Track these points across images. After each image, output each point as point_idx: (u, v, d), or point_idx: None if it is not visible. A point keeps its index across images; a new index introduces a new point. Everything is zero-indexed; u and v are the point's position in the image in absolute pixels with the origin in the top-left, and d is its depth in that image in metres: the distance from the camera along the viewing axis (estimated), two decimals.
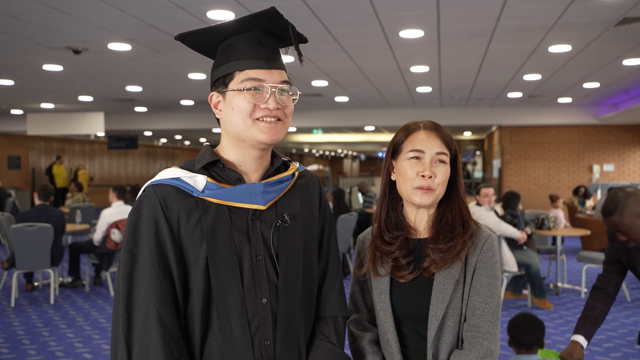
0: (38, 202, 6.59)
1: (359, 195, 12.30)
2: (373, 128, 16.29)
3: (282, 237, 1.44)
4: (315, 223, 1.54)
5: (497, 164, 14.20)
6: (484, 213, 6.15)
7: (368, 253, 1.66)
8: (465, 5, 4.87)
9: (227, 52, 1.42)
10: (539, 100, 11.24)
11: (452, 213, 1.61)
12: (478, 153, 20.92)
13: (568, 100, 11.27)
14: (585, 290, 6.76)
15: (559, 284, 6.91)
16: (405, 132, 1.61)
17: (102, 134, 14.16)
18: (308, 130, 17.70)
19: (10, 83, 8.82)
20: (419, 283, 1.58)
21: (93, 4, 4.71)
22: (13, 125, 14.09)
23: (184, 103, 11.43)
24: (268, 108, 1.38)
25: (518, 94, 10.34)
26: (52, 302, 6.39)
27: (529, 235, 6.59)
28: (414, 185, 1.57)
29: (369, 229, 1.75)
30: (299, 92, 1.46)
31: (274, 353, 1.40)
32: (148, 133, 17.73)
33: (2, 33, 5.64)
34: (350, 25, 5.48)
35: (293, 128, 15.13)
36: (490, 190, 6.33)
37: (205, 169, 1.43)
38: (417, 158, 1.57)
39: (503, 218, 6.44)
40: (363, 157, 43.29)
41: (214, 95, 1.44)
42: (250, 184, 1.43)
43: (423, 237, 1.63)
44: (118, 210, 6.67)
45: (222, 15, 4.99)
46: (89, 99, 10.78)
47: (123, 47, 6.25)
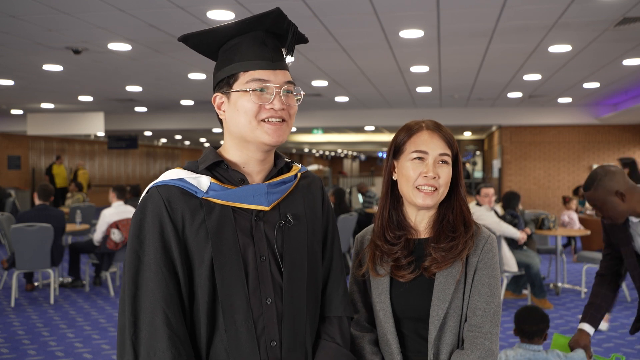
0: (38, 202, 6.59)
1: (359, 196, 12.30)
2: (373, 128, 16.29)
3: (285, 237, 1.43)
4: (319, 224, 1.53)
5: (497, 164, 14.19)
6: (484, 213, 6.15)
7: (367, 253, 1.66)
8: (465, 5, 4.87)
9: (230, 53, 1.41)
10: (539, 100, 11.23)
11: (453, 213, 1.61)
12: (478, 153, 20.89)
13: (568, 100, 11.26)
14: (585, 290, 6.76)
15: (559, 284, 6.91)
16: (408, 132, 1.61)
17: (102, 134, 14.15)
18: (308, 130, 17.68)
19: (10, 83, 8.81)
20: (419, 283, 1.58)
21: (93, 4, 4.71)
22: (13, 125, 14.08)
23: (184, 103, 11.43)
24: (273, 109, 1.37)
25: (518, 94, 10.34)
26: (52, 302, 6.39)
27: (529, 235, 6.59)
28: (417, 185, 1.57)
29: (367, 229, 1.75)
30: (303, 92, 1.46)
31: (280, 354, 1.39)
32: (148, 133, 17.72)
33: (2, 33, 5.63)
34: (350, 25, 5.47)
35: (293, 128, 15.04)
36: (491, 190, 6.33)
37: (209, 170, 1.43)
38: (420, 159, 1.57)
39: (503, 218, 6.44)
40: (363, 157, 43.27)
41: (218, 97, 1.43)
42: (254, 185, 1.42)
43: (423, 237, 1.63)
44: (118, 210, 6.68)
45: (222, 15, 4.99)
46: (89, 99, 10.77)
47: (123, 47, 6.25)
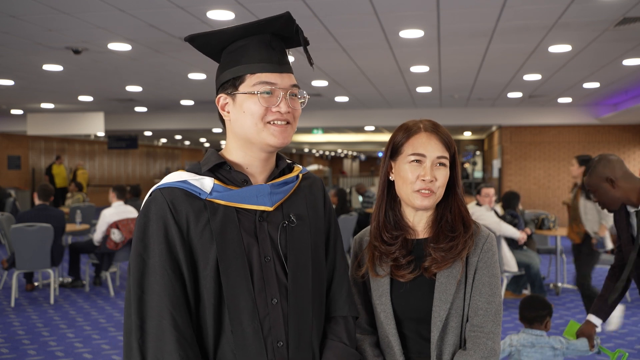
0: (38, 202, 6.59)
1: (359, 197, 12.29)
2: (373, 128, 16.28)
3: (289, 237, 1.43)
4: (321, 224, 1.53)
5: (497, 164, 14.18)
6: (484, 213, 6.15)
7: (366, 253, 1.65)
8: (465, 5, 4.87)
9: (236, 54, 1.41)
10: (539, 100, 11.23)
11: (451, 213, 1.61)
12: (478, 153, 20.90)
13: (568, 100, 11.26)
14: None
15: (559, 284, 6.91)
16: (406, 133, 1.60)
17: (102, 134, 14.14)
18: (308, 130, 17.66)
19: (10, 83, 8.81)
20: (420, 283, 1.58)
21: (93, 4, 4.71)
22: (13, 125, 14.07)
23: (184, 103, 11.43)
24: (280, 112, 1.38)
25: (518, 94, 10.33)
26: (52, 302, 6.39)
27: (529, 236, 6.59)
28: (415, 189, 1.56)
29: (365, 230, 1.74)
30: (307, 95, 1.47)
31: (287, 354, 1.38)
32: (148, 133, 17.72)
33: (2, 33, 5.63)
34: (350, 25, 5.47)
35: None
36: (491, 190, 6.33)
37: (212, 172, 1.43)
38: (418, 162, 1.56)
39: (503, 218, 6.43)
40: (363, 157, 43.27)
41: (222, 97, 1.43)
42: (257, 186, 1.42)
43: (422, 237, 1.63)
44: (118, 210, 6.68)
45: (222, 15, 4.99)
46: (89, 99, 10.77)
47: (123, 47, 6.25)
